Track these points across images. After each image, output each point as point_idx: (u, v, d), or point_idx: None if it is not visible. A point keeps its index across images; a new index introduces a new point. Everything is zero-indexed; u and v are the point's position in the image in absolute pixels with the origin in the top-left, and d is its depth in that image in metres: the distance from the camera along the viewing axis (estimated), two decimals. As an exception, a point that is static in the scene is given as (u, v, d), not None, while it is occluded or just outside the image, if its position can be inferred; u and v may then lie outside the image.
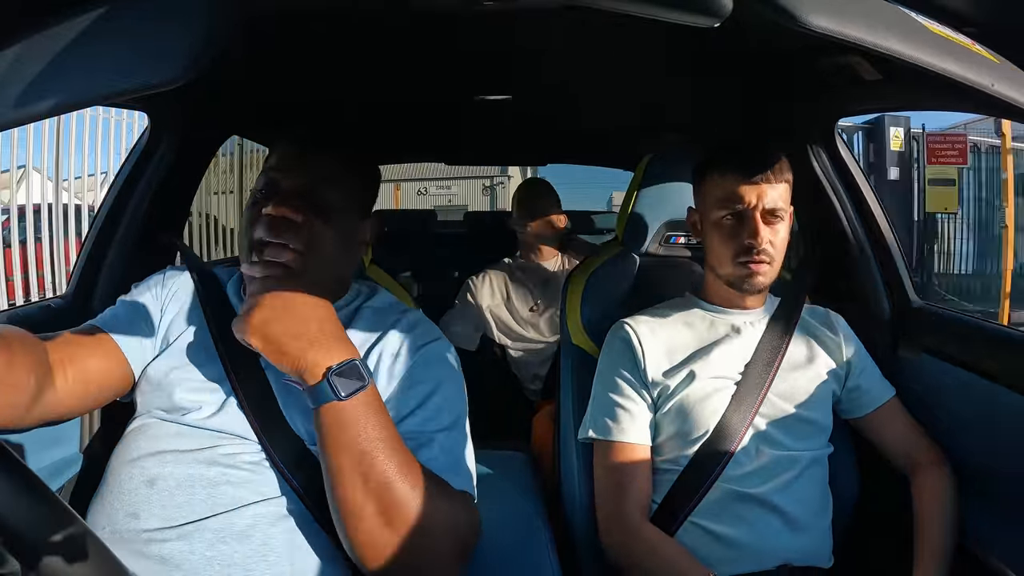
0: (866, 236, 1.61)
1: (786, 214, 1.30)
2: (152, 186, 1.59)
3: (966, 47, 0.78)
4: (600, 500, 1.34)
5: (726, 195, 1.29)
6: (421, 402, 1.03)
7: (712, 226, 1.33)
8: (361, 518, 0.87)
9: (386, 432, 0.90)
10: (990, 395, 1.28)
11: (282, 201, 1.01)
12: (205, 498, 0.94)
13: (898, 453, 1.38)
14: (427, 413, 1.02)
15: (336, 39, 1.28)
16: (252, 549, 0.92)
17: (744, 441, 1.28)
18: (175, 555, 0.90)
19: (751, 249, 1.27)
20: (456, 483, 0.97)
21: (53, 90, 0.61)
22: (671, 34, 1.10)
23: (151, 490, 0.95)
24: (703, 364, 1.32)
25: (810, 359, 1.38)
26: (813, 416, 1.33)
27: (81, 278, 1.52)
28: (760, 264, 1.28)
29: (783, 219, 1.29)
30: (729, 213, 1.30)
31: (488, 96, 1.88)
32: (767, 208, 1.27)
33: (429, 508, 0.88)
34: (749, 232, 1.27)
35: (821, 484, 1.34)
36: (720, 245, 1.32)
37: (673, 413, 1.32)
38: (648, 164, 1.60)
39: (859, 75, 1.22)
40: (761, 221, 1.27)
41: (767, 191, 1.27)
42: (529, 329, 2.61)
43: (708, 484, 1.27)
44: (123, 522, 0.93)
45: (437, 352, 1.11)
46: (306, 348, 0.90)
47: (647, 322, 1.39)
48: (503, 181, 20.18)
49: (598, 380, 1.40)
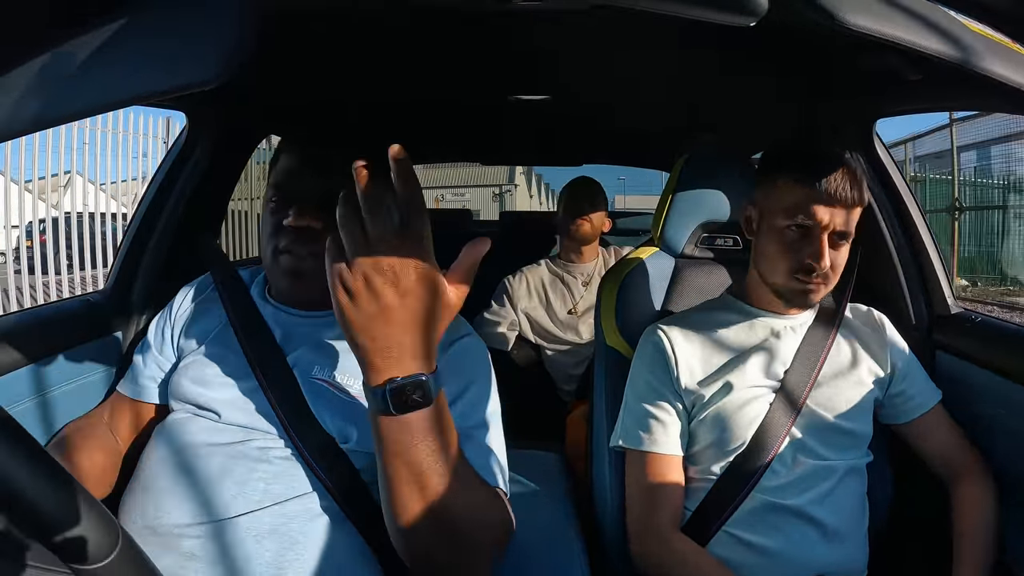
0: (904, 239, 1.58)
1: (852, 235, 1.24)
2: (189, 184, 1.62)
3: (1008, 46, 0.77)
4: (631, 509, 1.32)
5: (795, 205, 1.21)
6: (454, 399, 1.01)
7: (772, 231, 1.26)
8: (410, 524, 0.84)
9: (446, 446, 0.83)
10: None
11: (303, 210, 1.03)
12: (236, 494, 0.95)
13: (939, 461, 1.33)
14: (461, 409, 1.01)
15: (370, 38, 1.29)
16: (282, 546, 0.93)
17: (781, 451, 1.25)
18: (205, 550, 0.91)
19: (811, 270, 1.21)
20: (490, 480, 0.97)
21: (88, 90, 0.62)
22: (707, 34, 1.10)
23: (181, 485, 0.97)
24: (740, 372, 1.29)
25: (852, 365, 1.33)
26: (853, 426, 1.29)
27: (120, 273, 1.56)
28: (817, 284, 1.23)
29: (849, 241, 1.24)
30: (794, 224, 1.22)
31: (523, 96, 1.88)
32: (838, 230, 1.20)
33: (471, 509, 0.87)
34: (814, 253, 1.20)
35: (858, 494, 1.31)
36: (777, 255, 1.26)
37: (708, 423, 1.29)
38: (684, 164, 1.58)
39: (898, 75, 1.20)
40: (827, 242, 1.20)
41: (842, 213, 1.20)
42: (567, 331, 2.58)
43: (743, 495, 1.24)
44: (153, 517, 0.95)
45: (469, 348, 1.11)
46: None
47: (681, 326, 1.36)
48: (510, 189, 21.76)
49: (630, 387, 1.38)
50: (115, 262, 1.60)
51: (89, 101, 0.63)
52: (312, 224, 1.03)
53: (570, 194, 2.67)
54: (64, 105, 0.62)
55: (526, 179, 22.01)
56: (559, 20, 1.18)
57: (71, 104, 0.62)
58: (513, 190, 21.35)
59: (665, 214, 1.59)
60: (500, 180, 21.84)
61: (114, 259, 1.61)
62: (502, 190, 21.74)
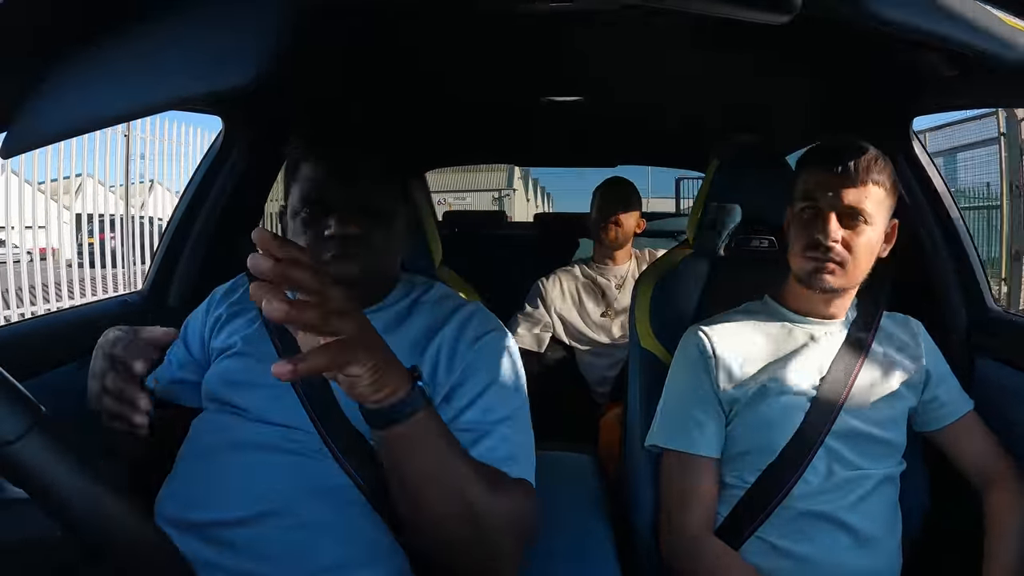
0: (943, 240, 1.54)
1: (876, 219, 1.23)
2: (226, 187, 1.65)
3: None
4: (664, 510, 1.32)
5: (807, 188, 1.26)
6: (480, 392, 1.03)
7: (793, 219, 1.30)
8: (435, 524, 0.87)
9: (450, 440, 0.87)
10: None
11: (344, 218, 1.05)
12: (268, 488, 0.98)
13: (973, 469, 1.31)
14: (486, 403, 1.03)
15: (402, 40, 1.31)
16: (312, 538, 0.95)
17: (815, 460, 1.24)
18: (240, 543, 0.95)
19: (818, 245, 1.23)
20: (514, 471, 0.98)
21: (124, 95, 0.64)
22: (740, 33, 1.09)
23: (215, 480, 1.00)
24: (778, 378, 1.28)
25: (888, 372, 1.32)
26: (887, 435, 1.28)
27: (157, 275, 1.60)
28: (828, 263, 1.23)
29: (867, 223, 1.23)
30: (807, 206, 1.25)
31: (556, 98, 1.89)
32: (846, 206, 1.22)
33: (493, 503, 0.88)
34: (820, 227, 1.22)
35: (892, 501, 1.29)
36: (795, 238, 1.29)
37: (744, 427, 1.29)
38: (719, 166, 1.57)
39: (934, 72, 1.19)
40: (835, 218, 1.22)
41: (849, 189, 1.22)
42: (600, 333, 2.57)
43: (776, 502, 1.23)
44: (191, 512, 0.98)
45: (494, 343, 1.12)
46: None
47: (721, 329, 1.36)
48: (509, 193, 22.47)
49: (669, 386, 1.38)
50: (152, 264, 1.63)
51: (125, 107, 0.64)
52: (356, 231, 1.06)
53: (603, 195, 2.62)
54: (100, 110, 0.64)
55: (524, 183, 23.06)
56: (590, 21, 1.18)
57: (107, 109, 0.64)
58: (512, 194, 22.32)
59: (700, 215, 1.59)
60: (500, 184, 22.73)
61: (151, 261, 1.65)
62: (501, 194, 22.56)
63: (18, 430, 0.55)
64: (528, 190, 24.92)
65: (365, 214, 1.08)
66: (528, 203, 24.79)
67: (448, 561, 0.91)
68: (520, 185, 20.94)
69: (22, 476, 0.56)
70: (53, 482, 0.56)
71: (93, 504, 0.58)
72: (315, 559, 0.95)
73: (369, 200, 1.09)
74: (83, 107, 0.63)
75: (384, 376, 0.75)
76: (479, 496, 0.87)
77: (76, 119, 0.64)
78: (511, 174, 22.37)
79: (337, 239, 1.06)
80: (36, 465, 0.56)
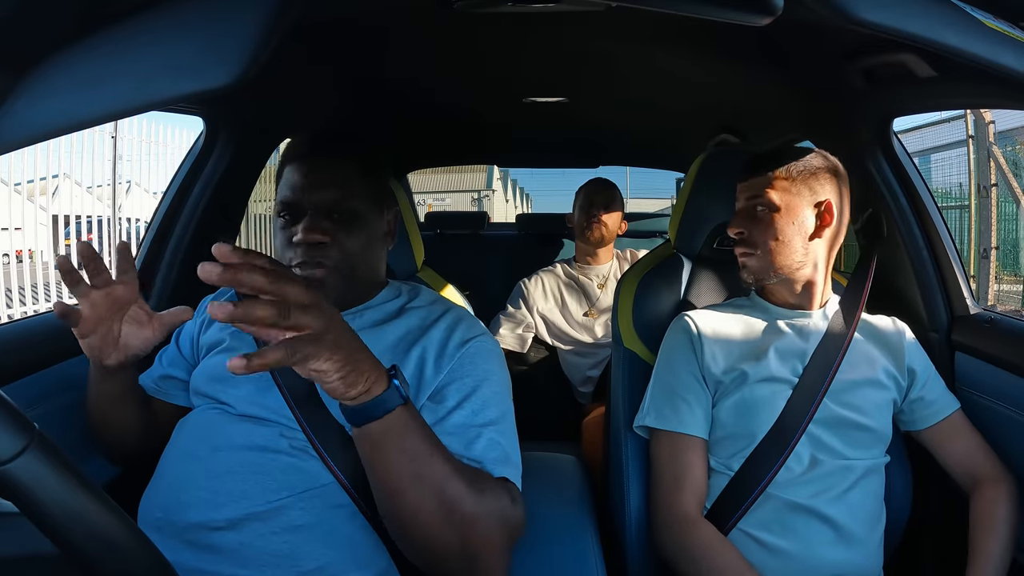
0: (923, 239, 1.56)
1: (784, 208, 1.30)
2: (207, 190, 1.64)
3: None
4: (656, 492, 1.32)
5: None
6: (467, 396, 1.04)
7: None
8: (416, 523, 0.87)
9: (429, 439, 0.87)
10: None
11: (310, 225, 1.07)
12: (253, 485, 0.98)
13: (960, 468, 1.33)
14: (474, 407, 1.03)
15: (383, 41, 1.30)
16: (297, 536, 0.95)
17: (798, 447, 1.26)
18: (225, 545, 0.95)
19: (734, 242, 1.37)
20: (502, 473, 0.98)
21: (106, 96, 0.63)
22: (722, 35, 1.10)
23: (200, 480, 1.00)
24: (760, 364, 1.31)
25: (871, 365, 1.34)
26: (871, 424, 1.30)
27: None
28: (741, 254, 1.36)
29: (770, 211, 1.31)
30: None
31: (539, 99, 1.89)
32: (748, 198, 1.34)
33: (477, 504, 0.88)
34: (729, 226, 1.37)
35: (875, 496, 1.31)
36: None
37: (727, 413, 1.31)
38: (700, 166, 1.58)
39: (914, 73, 1.20)
40: (738, 211, 1.36)
41: (748, 184, 1.35)
42: (583, 333, 2.57)
43: (759, 490, 1.25)
44: (174, 511, 0.98)
45: (481, 347, 1.12)
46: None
47: (708, 317, 1.39)
48: (488, 194, 23.40)
49: (657, 371, 1.40)
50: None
51: (106, 107, 0.63)
52: (320, 238, 1.08)
53: (585, 195, 2.62)
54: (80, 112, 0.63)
55: (503, 184, 23.73)
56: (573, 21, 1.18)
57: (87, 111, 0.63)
58: (491, 195, 22.97)
59: (681, 216, 1.59)
60: (479, 185, 23.42)
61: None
62: (480, 195, 23.16)
63: (13, 449, 0.54)
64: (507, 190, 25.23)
65: (339, 218, 1.10)
66: (507, 203, 25.10)
67: (433, 561, 0.90)
68: (499, 186, 21.48)
69: (19, 496, 0.55)
70: (50, 502, 0.55)
71: (91, 525, 0.57)
72: (299, 563, 0.95)
73: (342, 204, 1.10)
74: (63, 109, 0.63)
75: (355, 372, 0.75)
76: (461, 496, 0.86)
77: (57, 121, 0.63)
78: (491, 175, 22.71)
79: (303, 246, 1.08)
80: (32, 485, 0.55)
